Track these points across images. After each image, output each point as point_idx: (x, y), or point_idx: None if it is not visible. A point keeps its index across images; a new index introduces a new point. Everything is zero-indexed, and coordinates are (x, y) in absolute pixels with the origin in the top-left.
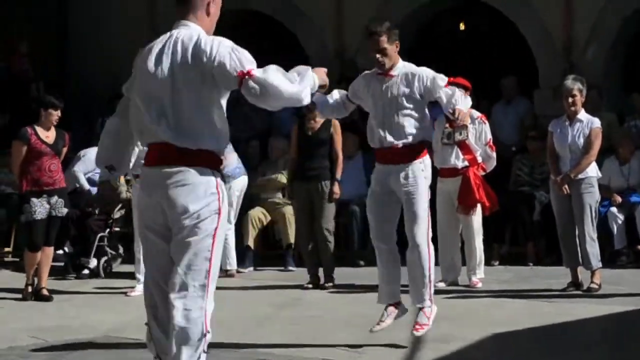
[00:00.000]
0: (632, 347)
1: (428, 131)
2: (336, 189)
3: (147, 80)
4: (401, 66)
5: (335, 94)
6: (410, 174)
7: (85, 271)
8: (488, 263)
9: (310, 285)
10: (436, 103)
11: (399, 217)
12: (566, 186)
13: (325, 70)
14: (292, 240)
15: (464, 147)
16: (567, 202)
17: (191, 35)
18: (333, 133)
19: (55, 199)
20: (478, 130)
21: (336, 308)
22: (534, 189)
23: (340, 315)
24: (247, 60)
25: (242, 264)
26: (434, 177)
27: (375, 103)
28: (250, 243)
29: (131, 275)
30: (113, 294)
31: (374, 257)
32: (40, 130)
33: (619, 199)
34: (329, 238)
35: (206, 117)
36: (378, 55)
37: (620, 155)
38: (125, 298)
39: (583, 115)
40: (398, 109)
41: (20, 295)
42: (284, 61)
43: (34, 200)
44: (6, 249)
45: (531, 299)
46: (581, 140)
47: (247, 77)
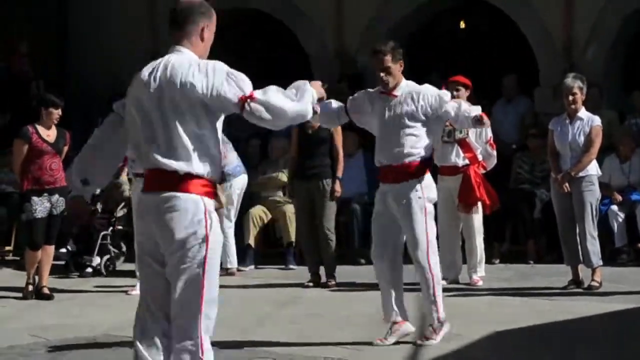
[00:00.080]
0: (633, 345)
1: (429, 150)
2: (337, 187)
3: (140, 106)
4: (404, 85)
5: (333, 103)
6: (403, 196)
7: (89, 269)
8: (489, 261)
9: (310, 284)
10: None
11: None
12: (567, 184)
13: (320, 83)
14: (293, 238)
15: (465, 145)
16: (568, 200)
17: (182, 62)
18: (333, 131)
19: (56, 197)
20: (478, 129)
21: (337, 306)
22: (535, 187)
23: (340, 314)
24: (245, 83)
25: (243, 262)
26: (434, 177)
27: (378, 122)
28: (251, 241)
29: (132, 274)
30: (114, 293)
31: None
32: (41, 129)
33: (619, 197)
34: (330, 236)
35: (196, 143)
36: (382, 74)
37: (621, 153)
38: (126, 297)
39: (583, 113)
40: (400, 128)
41: (21, 294)
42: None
43: (35, 198)
44: (7, 248)
45: (532, 297)
46: (581, 138)
47: (249, 101)
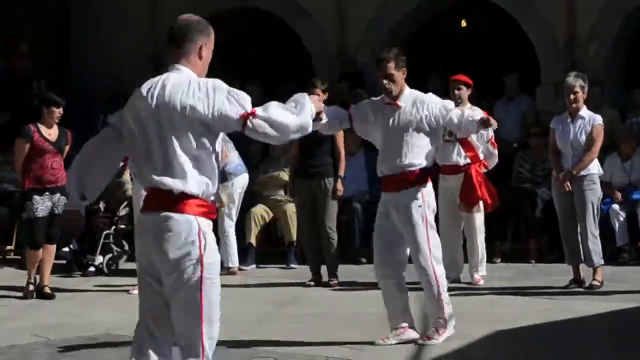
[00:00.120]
0: (634, 344)
1: (431, 158)
2: (339, 185)
3: (138, 122)
4: (408, 94)
5: (336, 110)
6: (403, 205)
7: (91, 268)
8: (490, 260)
9: (312, 283)
10: None
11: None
12: (568, 183)
13: (317, 97)
14: (294, 237)
15: (466, 144)
16: (569, 199)
17: (182, 81)
18: None
19: (57, 196)
20: (484, 131)
21: (338, 305)
22: (536, 186)
23: (342, 313)
24: (246, 101)
25: (244, 261)
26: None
27: (382, 132)
28: (253, 240)
29: (134, 273)
30: (115, 292)
31: None
32: (42, 128)
33: (620, 195)
34: (332, 235)
35: (193, 162)
36: (385, 81)
37: (622, 152)
38: (127, 296)
39: (585, 112)
40: (404, 138)
41: (22, 294)
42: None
43: (36, 197)
44: (8, 247)
45: (533, 296)
46: (583, 137)
47: (251, 117)
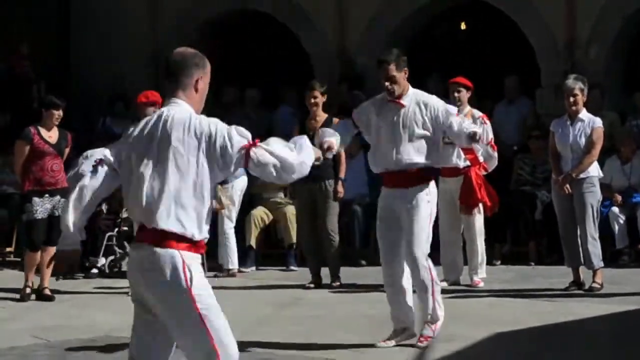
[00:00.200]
0: (634, 347)
1: (435, 158)
2: (340, 187)
3: (132, 157)
4: (412, 94)
5: (345, 125)
6: (413, 197)
7: (94, 270)
8: (490, 262)
9: (312, 285)
10: None
11: None
12: (568, 186)
13: (320, 150)
14: (294, 239)
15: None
16: (569, 202)
17: (182, 118)
18: None
19: (57, 199)
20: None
21: (338, 307)
22: (536, 188)
23: (342, 315)
24: (247, 134)
25: (244, 263)
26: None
27: (387, 129)
28: (252, 242)
29: None
30: (115, 294)
31: (376, 257)
32: (43, 130)
33: (620, 198)
34: (333, 237)
35: (181, 200)
36: (387, 83)
37: (622, 154)
38: (126, 298)
39: (584, 114)
40: (409, 136)
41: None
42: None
43: (36, 199)
44: (8, 249)
45: (533, 299)
46: (583, 140)
47: (254, 148)
